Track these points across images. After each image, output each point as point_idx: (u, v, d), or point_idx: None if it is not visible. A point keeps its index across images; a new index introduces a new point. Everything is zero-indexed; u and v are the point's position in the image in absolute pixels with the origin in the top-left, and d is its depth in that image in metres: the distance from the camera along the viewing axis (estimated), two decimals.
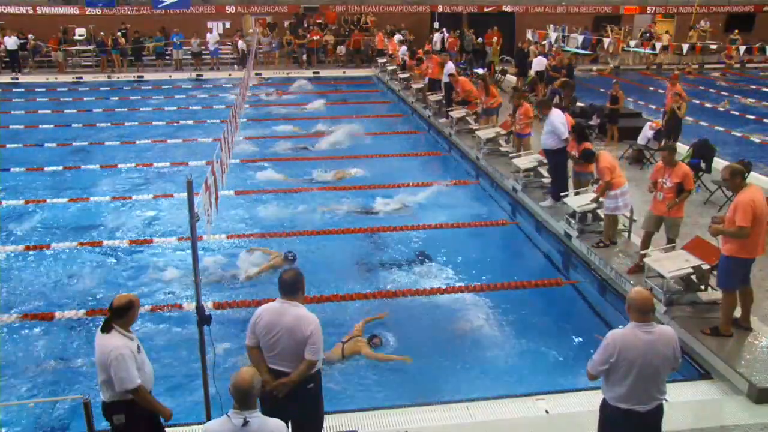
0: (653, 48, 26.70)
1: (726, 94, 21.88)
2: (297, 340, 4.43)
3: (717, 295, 7.16)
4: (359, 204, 11.40)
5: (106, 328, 4.41)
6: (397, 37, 25.95)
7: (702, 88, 23.00)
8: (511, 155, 12.39)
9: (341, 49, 27.68)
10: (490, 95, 14.78)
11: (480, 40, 26.43)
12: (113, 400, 4.44)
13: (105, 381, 4.40)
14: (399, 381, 6.43)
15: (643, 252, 7.92)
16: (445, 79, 17.02)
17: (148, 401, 4.50)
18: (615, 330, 4.35)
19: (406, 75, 21.64)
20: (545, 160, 11.29)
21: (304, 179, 12.80)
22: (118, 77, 24.93)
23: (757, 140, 15.57)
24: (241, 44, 26.01)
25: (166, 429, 4.92)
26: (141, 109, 19.59)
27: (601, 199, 8.80)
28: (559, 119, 10.16)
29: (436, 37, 26.03)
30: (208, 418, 5.06)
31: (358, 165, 13.60)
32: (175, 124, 17.69)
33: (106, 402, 4.49)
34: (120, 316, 4.42)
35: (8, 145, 15.26)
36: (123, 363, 4.29)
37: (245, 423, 3.59)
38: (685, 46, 27.04)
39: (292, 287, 4.55)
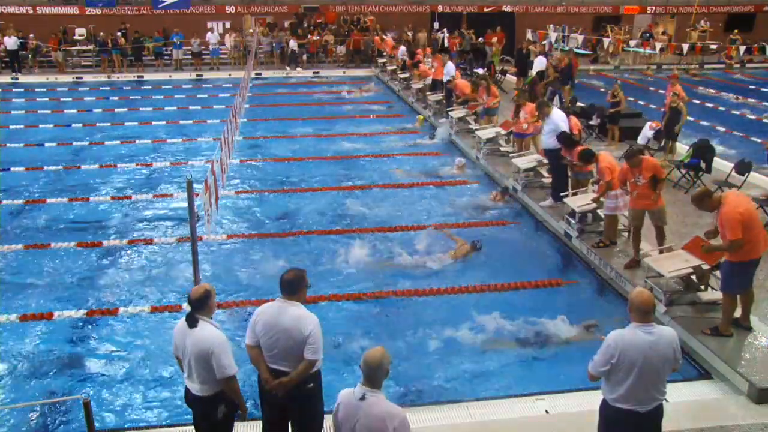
0: (653, 48, 26.71)
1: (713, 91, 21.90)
2: (296, 340, 4.43)
3: (717, 295, 7.16)
4: (359, 203, 11.41)
5: (194, 322, 4.38)
6: (389, 35, 26.08)
7: (702, 88, 23.01)
8: (511, 155, 12.39)
9: (341, 49, 27.69)
10: (491, 95, 14.77)
11: (480, 39, 26.46)
12: (215, 392, 4.45)
13: (204, 374, 4.39)
14: (399, 381, 6.43)
15: (639, 247, 8.10)
16: (446, 78, 17.06)
17: (238, 390, 4.54)
18: (616, 330, 4.35)
19: (406, 75, 21.65)
20: (545, 160, 11.29)
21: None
22: (118, 77, 24.91)
23: (758, 140, 15.56)
24: (293, 43, 26.19)
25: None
26: (141, 109, 19.57)
27: (601, 199, 8.82)
28: (560, 118, 10.19)
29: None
30: None
31: (358, 165, 13.64)
32: (175, 124, 17.70)
33: (205, 396, 4.45)
34: (202, 306, 4.43)
35: (8, 145, 15.25)
36: (226, 350, 4.36)
37: (362, 397, 3.70)
38: (685, 46, 27.05)
39: (292, 287, 4.53)
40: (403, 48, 23.43)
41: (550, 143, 10.22)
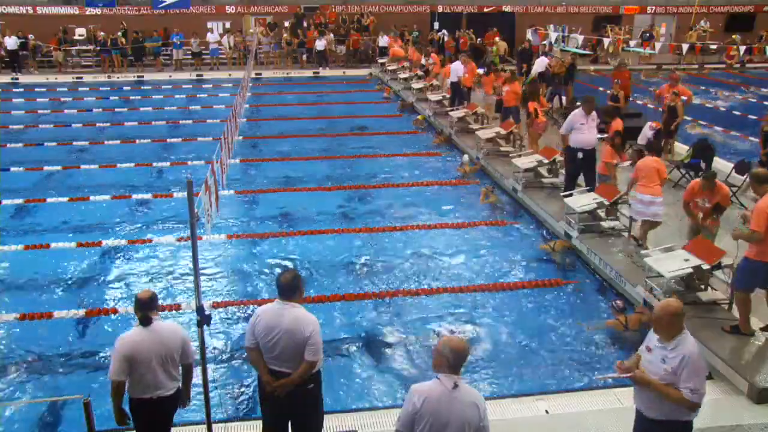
0: (653, 48, 26.70)
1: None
2: (297, 342, 4.43)
3: (717, 295, 7.18)
4: (359, 203, 11.40)
5: (149, 322, 4.54)
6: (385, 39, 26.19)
7: (703, 88, 22.99)
8: (511, 155, 12.39)
9: (341, 49, 27.67)
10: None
11: (479, 40, 26.47)
12: (179, 384, 4.72)
13: (174, 368, 4.62)
14: (399, 381, 6.43)
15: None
16: (452, 79, 17.07)
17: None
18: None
19: (405, 75, 21.65)
20: (545, 160, 11.29)
21: None
22: (118, 77, 24.92)
23: (756, 140, 15.55)
24: (319, 44, 26.15)
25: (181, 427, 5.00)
26: (141, 109, 19.58)
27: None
28: None
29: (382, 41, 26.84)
30: (208, 417, 5.06)
31: (359, 164, 13.64)
32: (175, 124, 17.70)
33: (173, 393, 4.64)
34: (155, 306, 4.64)
35: (8, 145, 15.24)
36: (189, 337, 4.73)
37: (455, 386, 3.76)
38: (685, 46, 27.03)
39: (289, 288, 4.53)
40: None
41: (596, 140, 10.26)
